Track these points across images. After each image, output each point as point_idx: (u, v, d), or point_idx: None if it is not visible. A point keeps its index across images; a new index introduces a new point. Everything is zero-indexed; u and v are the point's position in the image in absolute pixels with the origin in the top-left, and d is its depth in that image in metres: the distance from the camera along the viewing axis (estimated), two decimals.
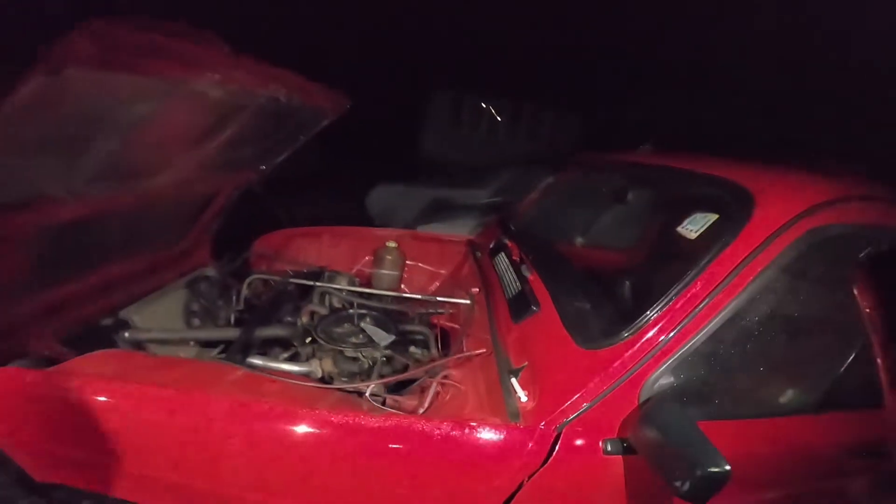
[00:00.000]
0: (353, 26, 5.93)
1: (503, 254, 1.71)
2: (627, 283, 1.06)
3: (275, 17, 5.02)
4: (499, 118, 8.73)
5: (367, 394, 1.16)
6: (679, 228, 1.03)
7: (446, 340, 1.68)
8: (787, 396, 1.04)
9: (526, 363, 1.06)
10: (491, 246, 1.92)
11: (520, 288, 1.35)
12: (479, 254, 2.01)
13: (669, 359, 0.87)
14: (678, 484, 0.75)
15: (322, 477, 0.92)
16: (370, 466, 0.90)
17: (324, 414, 0.91)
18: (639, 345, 0.89)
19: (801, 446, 1.05)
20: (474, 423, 0.88)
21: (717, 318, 0.88)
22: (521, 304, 1.26)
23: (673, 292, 0.90)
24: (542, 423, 0.88)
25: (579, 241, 1.57)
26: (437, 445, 0.88)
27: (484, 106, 8.73)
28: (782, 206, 0.94)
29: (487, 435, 0.88)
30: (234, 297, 1.80)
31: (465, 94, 8.67)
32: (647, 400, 0.85)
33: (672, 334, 0.88)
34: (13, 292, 1.35)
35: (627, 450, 0.89)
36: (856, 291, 1.03)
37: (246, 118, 1.53)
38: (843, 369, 1.04)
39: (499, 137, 8.61)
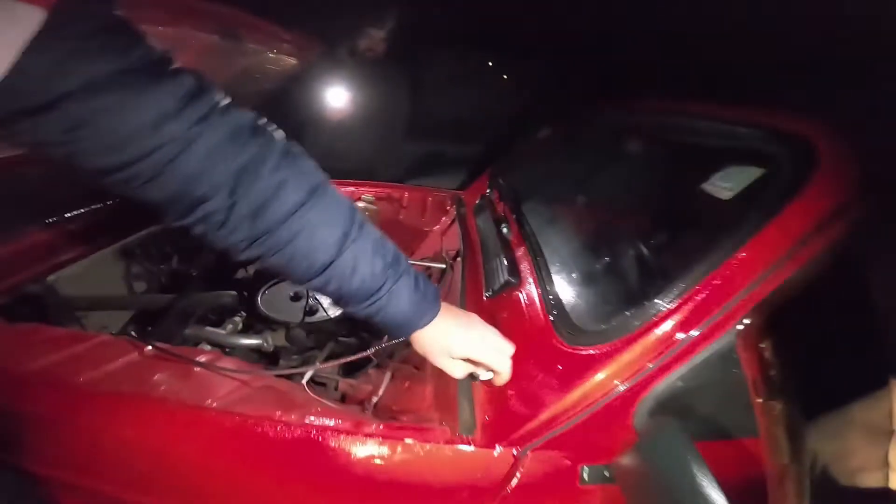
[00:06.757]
0: None
1: (487, 212, 1.46)
2: (635, 258, 0.79)
3: None
4: (504, 77, 8.18)
5: (303, 381, 0.94)
6: (705, 185, 0.76)
7: None
8: None
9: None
10: (476, 202, 1.66)
11: (499, 253, 1.10)
12: (463, 210, 1.76)
13: (684, 367, 0.61)
14: None
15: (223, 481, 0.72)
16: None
17: (225, 413, 0.70)
18: (644, 345, 0.61)
19: None
20: (410, 442, 0.65)
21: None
22: (496, 273, 1.02)
23: (697, 274, 0.62)
24: (502, 446, 0.66)
25: (578, 202, 1.28)
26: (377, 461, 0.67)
27: (490, 65, 8.14)
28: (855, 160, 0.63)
29: (433, 455, 0.66)
30: (173, 258, 1.56)
31: (468, 50, 8.08)
32: (647, 423, 0.61)
33: (693, 333, 0.60)
34: None
35: (609, 479, 0.67)
36: None
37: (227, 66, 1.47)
38: None
39: (501, 94, 8.11)
